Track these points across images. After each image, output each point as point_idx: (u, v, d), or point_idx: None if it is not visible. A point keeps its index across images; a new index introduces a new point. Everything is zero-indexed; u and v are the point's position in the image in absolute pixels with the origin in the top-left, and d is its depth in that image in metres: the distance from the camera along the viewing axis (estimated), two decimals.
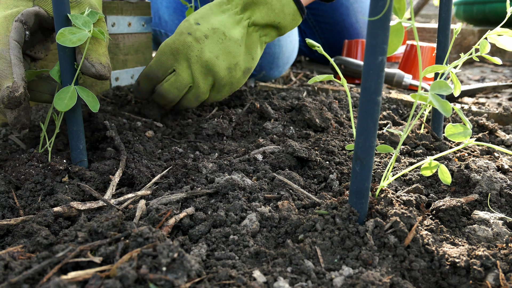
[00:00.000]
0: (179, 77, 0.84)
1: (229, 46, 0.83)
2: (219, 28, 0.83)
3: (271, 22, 0.86)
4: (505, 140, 0.91)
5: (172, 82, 0.84)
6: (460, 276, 0.48)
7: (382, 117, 1.01)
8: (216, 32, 0.83)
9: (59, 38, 0.59)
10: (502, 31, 0.69)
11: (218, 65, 0.83)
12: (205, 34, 0.82)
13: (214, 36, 0.83)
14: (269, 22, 0.86)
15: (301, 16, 0.88)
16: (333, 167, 0.74)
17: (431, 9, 5.37)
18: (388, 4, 0.43)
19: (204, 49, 0.82)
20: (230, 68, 0.84)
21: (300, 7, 0.86)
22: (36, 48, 0.72)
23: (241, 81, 0.89)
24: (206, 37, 0.82)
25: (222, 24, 0.84)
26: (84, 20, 0.61)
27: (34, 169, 0.65)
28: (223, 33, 0.83)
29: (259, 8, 0.84)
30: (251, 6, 0.85)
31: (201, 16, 0.84)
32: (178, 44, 0.83)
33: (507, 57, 2.19)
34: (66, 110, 0.62)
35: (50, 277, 0.41)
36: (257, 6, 0.84)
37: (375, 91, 0.46)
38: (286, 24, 0.88)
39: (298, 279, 0.45)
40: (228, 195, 0.61)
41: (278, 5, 0.84)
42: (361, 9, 1.75)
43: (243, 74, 0.88)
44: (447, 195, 0.67)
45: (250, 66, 0.88)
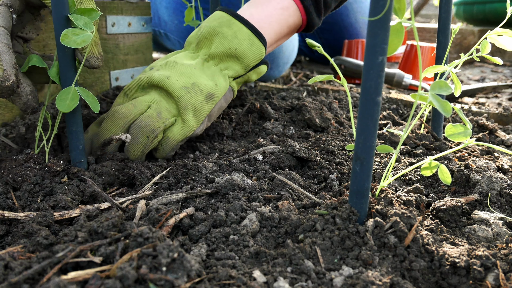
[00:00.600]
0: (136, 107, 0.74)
1: (181, 69, 0.78)
2: (169, 60, 0.80)
3: (227, 50, 0.80)
4: (505, 140, 0.91)
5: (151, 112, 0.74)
6: (460, 276, 0.48)
7: (382, 117, 1.01)
8: (167, 63, 0.79)
9: (63, 39, 0.59)
10: (502, 31, 0.69)
11: (170, 84, 0.75)
12: (156, 68, 0.79)
13: (165, 66, 0.79)
14: (224, 51, 0.80)
15: (259, 40, 0.82)
16: (333, 167, 0.74)
17: (431, 9, 5.37)
18: (388, 4, 0.43)
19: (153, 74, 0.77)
20: (186, 87, 0.75)
21: (254, 31, 0.81)
22: (27, 28, 0.71)
23: (205, 106, 0.78)
24: (157, 69, 0.79)
25: (173, 57, 0.81)
26: (85, 21, 0.61)
27: (31, 171, 0.65)
28: (174, 61, 0.79)
29: (212, 40, 0.81)
30: (204, 43, 0.82)
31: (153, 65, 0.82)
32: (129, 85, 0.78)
33: (507, 57, 2.19)
34: (69, 111, 0.62)
35: (50, 277, 0.41)
36: (210, 40, 0.81)
37: (375, 91, 0.46)
38: (244, 50, 0.81)
39: (298, 279, 0.45)
40: (228, 195, 0.61)
41: (229, 32, 0.80)
42: (360, 9, 1.75)
43: (205, 99, 0.77)
44: (447, 195, 0.67)
45: (213, 91, 0.79)
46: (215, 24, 0.81)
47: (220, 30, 0.80)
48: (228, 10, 0.82)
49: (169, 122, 0.74)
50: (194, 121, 0.76)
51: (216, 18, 0.82)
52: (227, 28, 0.80)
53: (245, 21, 0.81)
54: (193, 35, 0.85)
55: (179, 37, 1.47)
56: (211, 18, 0.83)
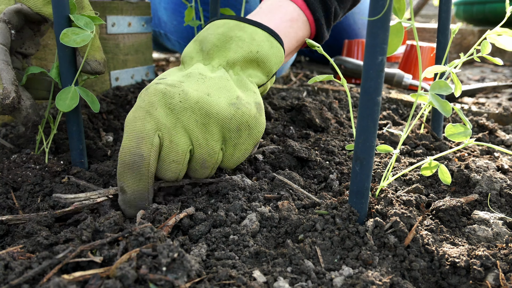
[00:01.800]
0: (171, 144, 0.57)
1: (216, 83, 0.62)
2: (192, 72, 0.63)
3: (248, 54, 0.67)
4: (505, 140, 0.91)
5: (163, 155, 0.58)
6: (460, 276, 0.48)
7: (382, 117, 1.01)
8: (190, 75, 0.63)
9: (63, 38, 0.59)
10: (502, 31, 0.69)
11: (215, 103, 0.59)
12: (179, 80, 0.61)
13: (190, 79, 0.62)
14: (245, 55, 0.66)
15: (277, 41, 0.70)
16: (333, 167, 0.74)
17: (431, 9, 5.37)
18: (388, 4, 0.43)
19: (187, 90, 0.59)
20: (234, 104, 0.60)
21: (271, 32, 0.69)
22: (26, 44, 0.70)
23: (260, 119, 0.63)
24: (181, 82, 0.61)
25: (195, 69, 0.65)
26: (85, 21, 0.61)
27: (31, 171, 0.65)
28: (199, 74, 0.63)
29: (226, 47, 0.67)
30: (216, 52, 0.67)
31: (163, 76, 0.65)
32: (150, 97, 0.58)
33: (507, 57, 2.19)
34: (69, 110, 0.62)
35: (50, 277, 0.41)
36: (223, 47, 0.67)
37: (375, 91, 0.46)
38: (266, 53, 0.68)
39: (298, 279, 0.45)
40: (228, 195, 0.61)
41: (245, 35, 0.67)
42: (359, 9, 1.75)
43: (257, 110, 0.62)
44: (447, 195, 0.67)
45: (258, 100, 0.64)
46: (224, 30, 0.68)
47: (234, 34, 0.67)
48: (229, 17, 0.70)
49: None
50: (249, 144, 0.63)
51: (220, 25, 0.69)
52: (240, 31, 0.68)
53: (257, 23, 0.69)
54: (191, 50, 0.69)
55: (178, 38, 1.47)
56: (213, 27, 0.69)
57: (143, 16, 1.19)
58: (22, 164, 0.66)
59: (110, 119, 0.95)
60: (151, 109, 0.57)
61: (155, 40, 1.59)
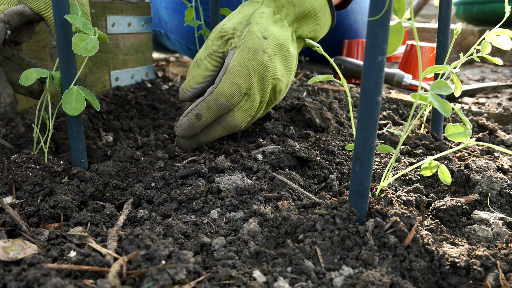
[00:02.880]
0: (254, 103, 0.73)
1: (291, 63, 0.78)
2: (284, 44, 0.76)
3: (314, 37, 0.83)
4: (505, 140, 0.91)
5: (246, 109, 0.72)
6: (460, 276, 0.48)
7: (382, 117, 1.01)
8: (282, 48, 0.76)
9: (75, 47, 0.60)
10: (501, 31, 0.69)
11: (282, 84, 0.77)
12: (274, 51, 0.74)
13: (280, 53, 0.75)
14: (313, 36, 0.82)
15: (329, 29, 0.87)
16: (333, 167, 0.74)
17: (431, 9, 5.36)
18: (388, 4, 0.43)
19: (276, 69, 0.74)
20: (287, 85, 0.79)
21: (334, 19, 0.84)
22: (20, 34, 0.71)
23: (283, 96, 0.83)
24: (275, 54, 0.74)
25: (286, 39, 0.77)
26: (82, 21, 0.61)
27: (31, 171, 0.65)
28: (287, 50, 0.77)
29: (308, 22, 0.80)
30: (301, 19, 0.79)
31: (265, 28, 0.75)
32: (255, 64, 0.71)
33: (507, 57, 2.19)
34: (77, 114, 0.62)
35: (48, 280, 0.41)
36: (306, 19, 0.80)
37: (375, 91, 0.46)
38: (320, 37, 0.85)
39: (298, 279, 0.45)
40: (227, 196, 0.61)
41: (323, 21, 0.81)
42: (360, 9, 1.75)
43: (285, 90, 0.81)
44: (447, 195, 0.67)
45: (290, 81, 0.82)
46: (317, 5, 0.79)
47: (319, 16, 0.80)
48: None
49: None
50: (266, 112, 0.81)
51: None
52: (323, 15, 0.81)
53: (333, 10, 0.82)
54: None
55: (179, 37, 1.47)
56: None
57: (143, 16, 1.19)
58: (22, 164, 0.66)
59: (110, 119, 0.95)
60: (252, 73, 0.71)
61: (155, 40, 1.59)
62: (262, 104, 0.75)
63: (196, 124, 0.70)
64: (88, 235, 0.53)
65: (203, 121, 0.70)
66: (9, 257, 0.45)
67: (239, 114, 0.72)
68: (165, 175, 0.68)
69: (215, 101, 0.69)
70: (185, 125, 0.70)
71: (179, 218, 0.58)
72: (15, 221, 0.54)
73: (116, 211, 0.60)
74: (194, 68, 0.75)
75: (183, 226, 0.54)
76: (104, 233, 0.54)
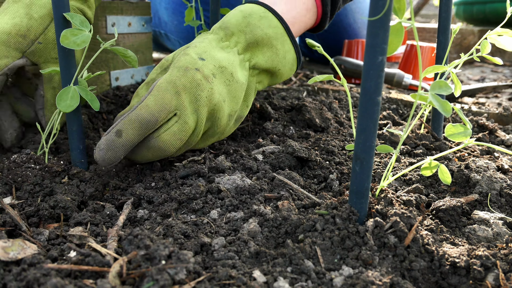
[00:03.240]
0: (185, 125, 0.65)
1: (236, 90, 0.71)
2: (226, 67, 0.70)
3: (272, 68, 0.76)
4: (505, 140, 0.91)
5: (175, 131, 0.64)
6: (460, 276, 0.48)
7: (382, 117, 1.01)
8: (223, 71, 0.70)
9: (63, 41, 0.60)
10: (502, 31, 0.69)
11: (223, 110, 0.69)
12: (213, 72, 0.68)
13: (221, 76, 0.69)
14: (270, 67, 0.76)
15: (297, 66, 0.81)
16: (333, 167, 0.74)
17: (431, 9, 5.37)
18: (388, 4, 0.43)
19: (214, 91, 0.67)
20: (231, 115, 0.72)
21: (298, 56, 0.79)
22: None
23: (231, 130, 0.76)
24: (214, 75, 0.68)
25: (230, 63, 0.71)
26: (81, 19, 0.61)
27: (31, 171, 0.65)
28: (231, 74, 0.70)
29: (263, 50, 0.74)
30: (253, 48, 0.74)
31: (204, 51, 0.70)
32: (185, 81, 0.65)
33: (507, 57, 2.19)
34: (70, 111, 0.62)
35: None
36: (260, 48, 0.74)
37: (375, 91, 0.46)
38: (284, 72, 0.78)
39: (298, 279, 0.45)
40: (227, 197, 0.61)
41: (281, 51, 0.76)
42: (359, 9, 1.75)
43: (234, 123, 0.75)
44: (447, 195, 0.67)
45: (243, 114, 0.76)
46: (271, 33, 0.74)
47: (275, 44, 0.75)
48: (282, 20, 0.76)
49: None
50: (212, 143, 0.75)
51: (272, 26, 0.75)
52: (281, 44, 0.76)
53: (294, 42, 0.78)
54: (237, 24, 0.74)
55: (179, 38, 1.47)
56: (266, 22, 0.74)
57: (143, 16, 1.19)
58: (22, 164, 0.66)
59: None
60: (182, 91, 0.65)
61: (155, 40, 1.59)
62: (198, 130, 0.67)
63: (117, 143, 0.61)
64: (88, 235, 0.53)
65: (124, 139, 0.61)
66: (9, 257, 0.45)
67: (166, 135, 0.64)
68: (165, 175, 0.68)
69: (137, 115, 0.61)
70: (104, 145, 0.60)
71: (179, 218, 0.58)
72: (15, 221, 0.54)
73: (116, 211, 0.60)
74: (132, 99, 0.71)
75: (183, 226, 0.54)
76: (104, 233, 0.54)
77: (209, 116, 0.68)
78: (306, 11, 0.81)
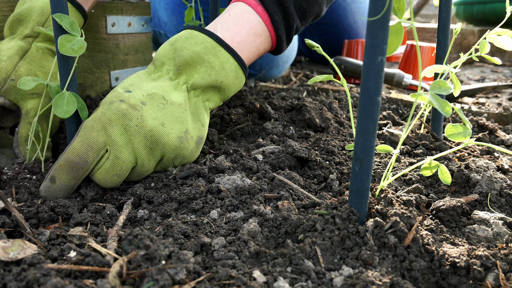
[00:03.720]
0: (117, 160, 0.63)
1: (174, 111, 0.68)
2: (156, 93, 0.68)
3: (213, 83, 0.72)
4: (505, 140, 0.91)
5: (108, 168, 0.63)
6: (460, 276, 0.48)
7: (382, 117, 1.01)
8: (154, 97, 0.67)
9: (61, 48, 0.61)
10: (502, 31, 0.69)
11: (166, 134, 0.66)
12: (141, 101, 0.66)
13: (153, 102, 0.67)
14: (210, 82, 0.72)
15: (243, 73, 0.76)
16: (333, 167, 0.74)
17: (431, 9, 5.37)
18: (388, 4, 0.43)
19: (145, 117, 0.65)
20: (180, 137, 0.67)
21: (240, 63, 0.74)
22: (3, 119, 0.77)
23: (195, 153, 0.71)
24: (143, 103, 0.66)
25: (159, 88, 0.69)
26: (70, 21, 0.62)
27: (28, 182, 0.65)
28: (162, 97, 0.67)
29: (196, 68, 0.71)
30: (185, 69, 0.71)
31: (130, 84, 0.69)
32: (110, 114, 0.63)
33: (507, 57, 2.19)
34: (67, 116, 0.63)
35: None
36: (193, 67, 0.71)
37: (375, 91, 0.46)
38: (229, 83, 0.74)
39: (298, 279, 0.45)
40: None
41: (217, 62, 0.72)
42: (359, 9, 1.75)
43: (196, 145, 0.71)
44: (447, 195, 0.67)
45: (202, 135, 0.72)
46: (199, 49, 0.71)
47: (207, 59, 0.71)
48: (209, 33, 0.73)
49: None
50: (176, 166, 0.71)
51: (199, 42, 0.72)
52: (213, 57, 0.72)
53: (231, 50, 0.73)
54: (166, 54, 0.73)
55: None
56: (192, 41, 0.72)
57: (143, 16, 1.19)
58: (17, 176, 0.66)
59: None
60: (108, 125, 0.63)
61: (155, 40, 1.59)
62: (141, 160, 0.65)
63: (52, 188, 0.62)
64: (88, 235, 0.53)
65: (59, 184, 0.62)
66: (9, 257, 0.45)
67: (99, 174, 0.63)
68: (165, 176, 0.68)
69: (66, 160, 0.62)
70: (43, 190, 0.63)
71: (179, 218, 0.58)
72: (20, 223, 0.54)
73: (116, 211, 0.60)
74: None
75: (183, 226, 0.54)
76: (104, 233, 0.54)
77: (151, 143, 0.65)
78: (255, 36, 0.78)
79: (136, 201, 0.63)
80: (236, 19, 0.77)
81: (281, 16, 0.79)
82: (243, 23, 0.77)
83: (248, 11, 0.77)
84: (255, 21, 0.77)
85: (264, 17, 0.77)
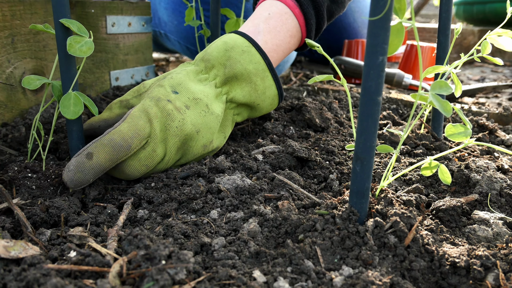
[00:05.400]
0: (153, 154, 0.65)
1: (211, 121, 0.71)
2: (201, 99, 0.71)
3: (251, 103, 0.77)
4: (505, 140, 0.91)
5: (142, 158, 0.65)
6: (460, 276, 0.48)
7: (382, 117, 1.01)
8: (198, 103, 0.70)
9: (70, 49, 0.61)
10: (502, 32, 0.69)
11: (196, 140, 0.69)
12: (186, 105, 0.69)
13: (196, 107, 0.70)
14: (249, 102, 0.76)
15: (278, 101, 0.81)
16: (333, 167, 0.74)
17: (431, 9, 5.37)
18: (389, 4, 0.43)
19: (186, 121, 0.68)
20: (205, 145, 0.71)
21: (280, 92, 0.80)
22: None
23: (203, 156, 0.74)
24: (187, 107, 0.69)
25: (205, 95, 0.72)
26: (78, 25, 0.62)
27: (29, 180, 0.64)
28: (206, 106, 0.71)
29: (241, 85, 0.75)
30: (232, 81, 0.75)
31: (178, 83, 0.71)
32: (157, 110, 0.67)
33: (507, 57, 2.19)
34: (76, 117, 0.63)
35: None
36: (239, 82, 0.74)
37: (375, 91, 0.46)
38: (264, 107, 0.79)
39: (298, 279, 0.45)
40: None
41: (261, 86, 0.76)
42: (358, 8, 1.75)
43: (208, 153, 0.74)
44: (447, 195, 0.67)
45: (220, 145, 0.75)
46: (251, 69, 0.75)
47: (255, 80, 0.75)
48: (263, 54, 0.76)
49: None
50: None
51: (253, 61, 0.75)
52: (261, 80, 0.76)
53: (276, 77, 0.78)
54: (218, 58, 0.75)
55: (178, 38, 1.47)
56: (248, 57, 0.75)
57: (143, 16, 1.19)
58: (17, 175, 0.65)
59: None
60: (154, 119, 0.66)
61: (155, 40, 1.59)
62: (167, 159, 0.68)
63: (87, 165, 0.59)
64: (88, 235, 0.53)
65: (95, 162, 0.60)
66: (10, 255, 0.45)
67: (132, 161, 0.64)
68: (165, 175, 0.68)
69: (110, 139, 0.61)
70: (73, 166, 0.59)
71: (179, 218, 0.58)
72: (22, 222, 0.54)
73: (116, 211, 0.60)
74: (104, 111, 0.75)
75: (183, 226, 0.54)
76: (104, 233, 0.54)
77: (181, 145, 0.68)
78: (291, 37, 0.81)
79: (136, 201, 0.63)
80: (276, 20, 0.80)
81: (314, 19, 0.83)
82: (282, 26, 0.80)
83: (286, 12, 0.81)
84: (292, 23, 0.81)
85: (300, 19, 0.81)
